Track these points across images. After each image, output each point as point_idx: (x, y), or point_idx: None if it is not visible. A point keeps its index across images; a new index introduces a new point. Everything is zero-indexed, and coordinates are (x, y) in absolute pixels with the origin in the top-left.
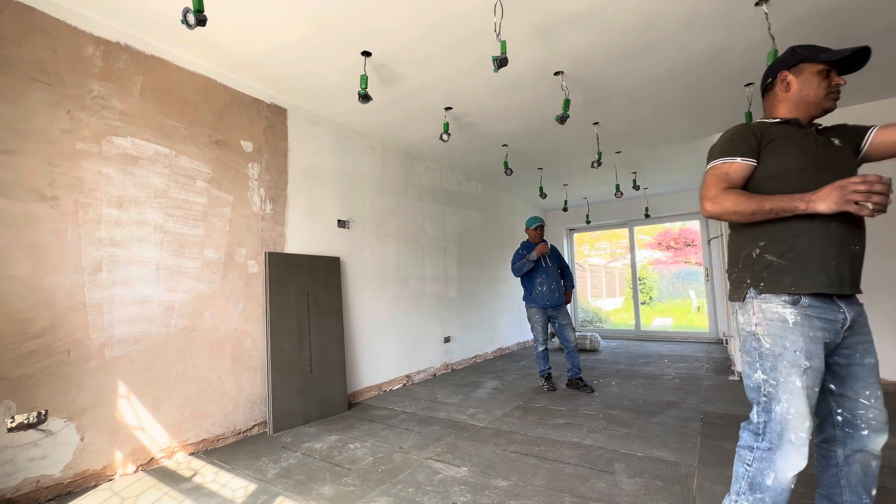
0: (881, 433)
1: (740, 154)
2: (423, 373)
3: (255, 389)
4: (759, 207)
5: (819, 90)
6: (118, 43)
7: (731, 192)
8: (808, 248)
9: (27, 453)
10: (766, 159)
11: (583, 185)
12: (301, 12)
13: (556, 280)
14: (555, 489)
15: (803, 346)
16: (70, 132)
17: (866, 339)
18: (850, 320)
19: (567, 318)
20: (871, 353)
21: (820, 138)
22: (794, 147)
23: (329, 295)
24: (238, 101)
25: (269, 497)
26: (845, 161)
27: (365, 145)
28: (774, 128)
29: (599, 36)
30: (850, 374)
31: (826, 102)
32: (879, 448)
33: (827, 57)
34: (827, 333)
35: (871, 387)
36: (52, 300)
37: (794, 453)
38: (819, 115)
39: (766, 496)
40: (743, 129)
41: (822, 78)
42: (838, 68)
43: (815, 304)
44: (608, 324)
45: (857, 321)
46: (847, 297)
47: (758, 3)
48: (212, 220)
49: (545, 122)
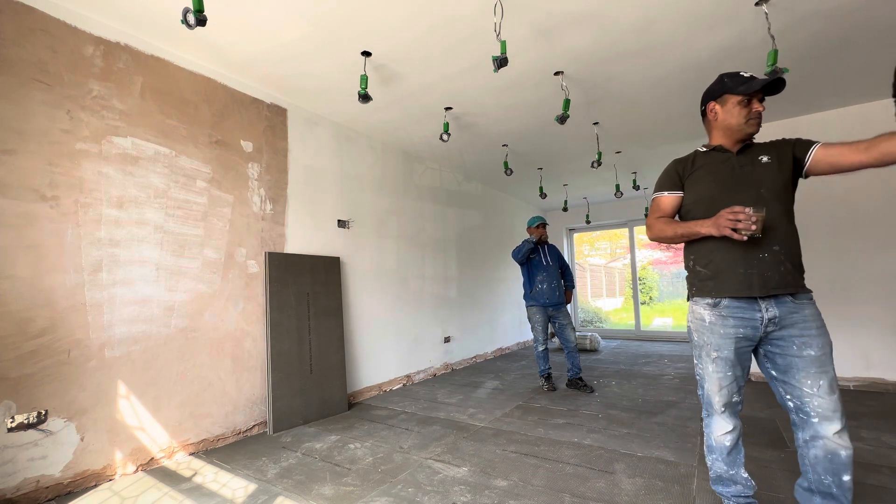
0: (830, 421)
1: (666, 189)
2: (423, 373)
3: (255, 389)
4: (674, 233)
5: (739, 118)
6: (118, 43)
7: (660, 220)
8: (720, 261)
9: (27, 453)
10: (688, 190)
11: (583, 185)
12: (301, 12)
13: (557, 279)
14: (555, 489)
15: (713, 340)
16: (70, 132)
17: (805, 334)
18: (776, 316)
19: (567, 318)
20: (811, 346)
21: (741, 159)
22: (709, 177)
23: (329, 295)
24: (238, 101)
25: (269, 497)
26: (770, 177)
27: (365, 145)
28: (700, 158)
29: (599, 36)
30: (789, 364)
31: (747, 128)
32: (831, 434)
33: (744, 90)
34: (743, 329)
35: (813, 377)
36: (52, 300)
37: (719, 418)
38: (743, 139)
39: (716, 454)
40: (670, 167)
41: (743, 107)
42: (761, 94)
43: (733, 305)
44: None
45: (790, 317)
46: (774, 297)
47: (758, 2)
48: (212, 220)
49: (545, 122)
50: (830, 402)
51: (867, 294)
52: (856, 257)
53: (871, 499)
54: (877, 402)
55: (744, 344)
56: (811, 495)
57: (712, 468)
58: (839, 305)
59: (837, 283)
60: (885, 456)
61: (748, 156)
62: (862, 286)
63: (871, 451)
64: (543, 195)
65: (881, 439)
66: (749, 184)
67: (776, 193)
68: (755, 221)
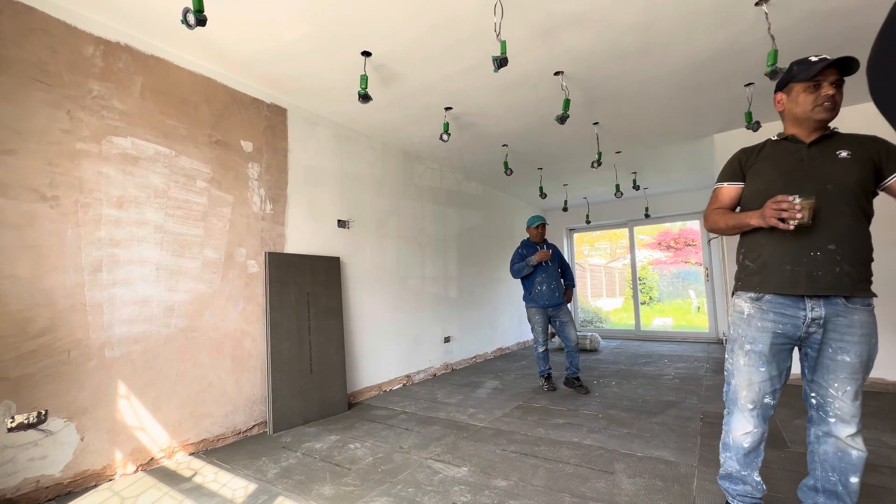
0: (846, 424)
1: (727, 180)
2: (423, 373)
3: (255, 389)
4: (726, 224)
5: (805, 105)
6: (118, 43)
7: (716, 211)
8: (769, 256)
9: (27, 453)
10: (748, 181)
11: (583, 185)
12: (301, 12)
13: (557, 279)
14: (555, 489)
15: (749, 333)
16: (70, 132)
17: (846, 339)
18: (821, 317)
19: (568, 316)
20: (848, 351)
21: (812, 151)
22: (771, 168)
23: (329, 295)
24: (238, 101)
25: (269, 497)
26: (841, 172)
27: (365, 145)
28: (768, 148)
29: (599, 36)
30: (821, 365)
31: (815, 115)
32: (844, 436)
33: (804, 75)
34: (782, 326)
35: (841, 381)
36: (53, 300)
37: (741, 417)
38: (816, 127)
39: (731, 453)
40: (732, 158)
41: (809, 93)
42: (834, 76)
43: (777, 301)
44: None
45: (836, 321)
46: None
47: (758, 3)
48: (212, 220)
49: (545, 122)
50: (852, 407)
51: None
52: None
53: (871, 499)
54: (877, 402)
55: (781, 341)
56: (815, 493)
57: (724, 465)
58: None
59: None
60: (886, 456)
61: (824, 147)
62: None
63: (871, 451)
64: (543, 195)
65: (881, 439)
66: (815, 178)
67: (845, 190)
68: (801, 209)
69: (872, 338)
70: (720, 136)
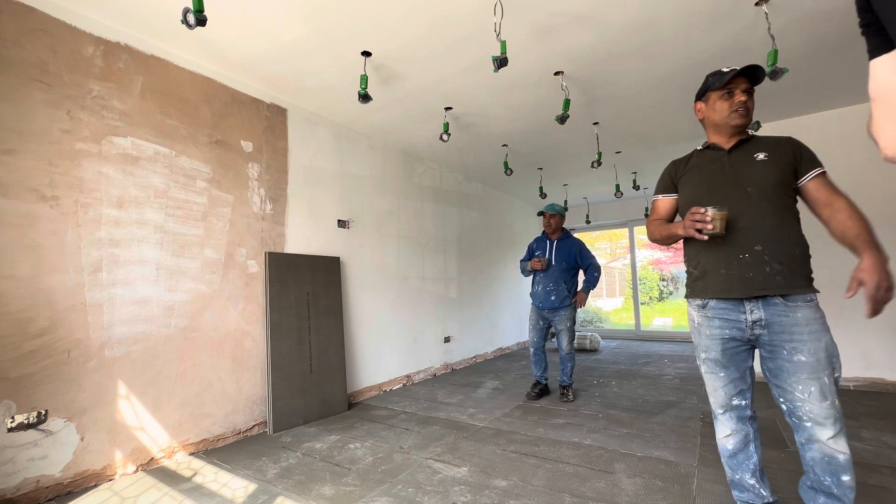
0: (823, 427)
1: (661, 192)
2: (423, 373)
3: (255, 389)
4: (661, 235)
5: (722, 112)
6: (118, 43)
7: (654, 222)
8: (706, 262)
9: (27, 453)
10: (680, 191)
11: (583, 185)
12: (301, 12)
13: (557, 281)
14: (555, 489)
15: (702, 342)
16: (70, 132)
17: (796, 339)
18: (762, 319)
19: (564, 323)
20: (801, 351)
21: (733, 157)
22: (698, 177)
23: (329, 295)
24: (238, 101)
25: (269, 497)
26: (761, 175)
27: (365, 145)
28: (694, 158)
29: (599, 36)
30: (780, 368)
31: (731, 121)
32: (825, 439)
33: (718, 83)
34: (728, 331)
35: (804, 383)
36: (52, 300)
37: (718, 423)
38: (734, 132)
39: (723, 457)
40: (664, 171)
41: (725, 100)
42: (745, 84)
43: (720, 307)
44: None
45: (778, 320)
46: (761, 298)
47: (758, 2)
48: (212, 220)
49: (545, 122)
50: (822, 408)
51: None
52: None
53: (871, 499)
54: (877, 402)
55: (732, 344)
56: (815, 493)
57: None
58: (840, 305)
59: (838, 282)
60: (886, 456)
61: (743, 152)
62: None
63: (871, 451)
64: (543, 195)
65: (881, 439)
66: (736, 182)
67: (765, 191)
68: (713, 220)
69: (824, 333)
70: None
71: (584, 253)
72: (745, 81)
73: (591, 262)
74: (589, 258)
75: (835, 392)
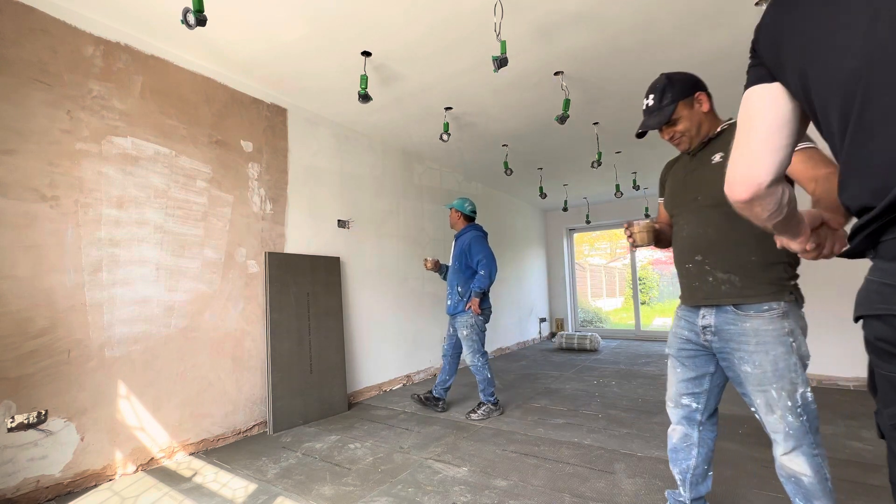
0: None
1: (660, 195)
2: (423, 373)
3: (255, 389)
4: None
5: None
6: (118, 43)
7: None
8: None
9: (27, 453)
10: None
11: (583, 185)
12: (301, 12)
13: (450, 283)
14: (555, 489)
15: (669, 338)
16: (70, 132)
17: (743, 349)
18: (712, 325)
19: (461, 332)
20: (747, 362)
21: (694, 161)
22: (669, 184)
23: (329, 295)
24: (238, 101)
25: (269, 497)
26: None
27: (365, 145)
28: (675, 162)
29: (599, 36)
30: (735, 377)
31: (678, 148)
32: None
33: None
34: (687, 332)
35: (753, 394)
36: (52, 300)
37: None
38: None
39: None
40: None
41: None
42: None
43: (684, 309)
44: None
45: (727, 329)
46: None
47: (758, 2)
48: (212, 220)
49: (545, 122)
50: (769, 421)
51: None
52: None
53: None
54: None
55: (689, 346)
56: None
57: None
58: (840, 305)
59: (838, 282)
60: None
61: (703, 155)
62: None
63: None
64: (543, 195)
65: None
66: (691, 189)
67: (715, 197)
68: (633, 233)
69: (774, 346)
70: None
71: (474, 248)
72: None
73: (479, 259)
74: (478, 254)
75: (788, 407)
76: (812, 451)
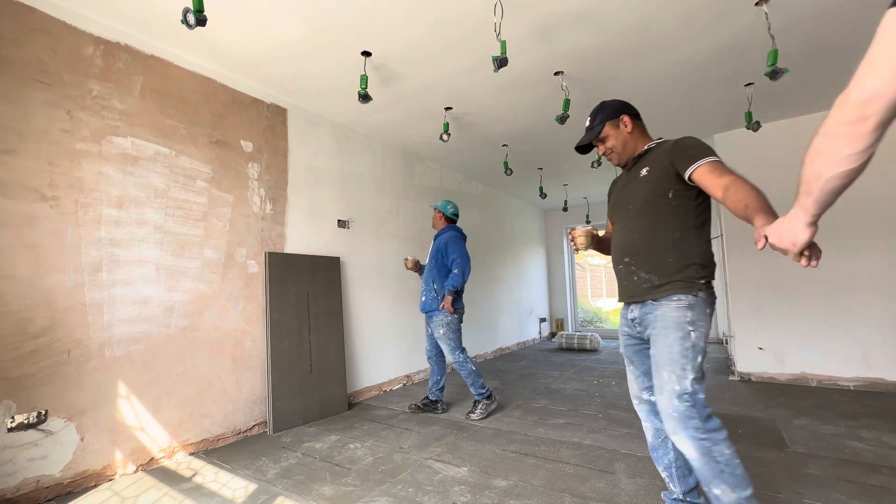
0: (665, 424)
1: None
2: (423, 373)
3: (255, 389)
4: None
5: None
6: (118, 43)
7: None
8: None
9: (27, 453)
10: None
11: (583, 185)
12: (301, 12)
13: (425, 280)
14: (555, 489)
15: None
16: (70, 132)
17: (650, 332)
18: (637, 317)
19: (437, 331)
20: (653, 344)
21: (627, 175)
22: (614, 195)
23: (329, 295)
24: (238, 101)
25: (269, 497)
26: (640, 191)
27: (365, 145)
28: (619, 178)
29: (599, 36)
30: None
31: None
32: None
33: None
34: (627, 328)
35: (655, 374)
36: (52, 300)
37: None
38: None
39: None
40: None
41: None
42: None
43: (623, 307)
44: (608, 324)
45: (646, 318)
46: (638, 302)
47: (758, 2)
48: (212, 220)
49: (545, 122)
50: (659, 401)
51: (868, 294)
52: (857, 256)
53: (871, 499)
54: (877, 402)
55: (632, 341)
56: None
57: None
58: (839, 305)
59: (838, 282)
60: (885, 456)
61: (635, 170)
62: (863, 285)
63: (871, 451)
64: (543, 195)
65: (881, 439)
66: (625, 200)
67: (640, 208)
68: (573, 238)
69: (673, 331)
70: (721, 137)
71: (450, 247)
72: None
73: (454, 258)
74: (453, 252)
75: (675, 392)
76: (698, 436)
